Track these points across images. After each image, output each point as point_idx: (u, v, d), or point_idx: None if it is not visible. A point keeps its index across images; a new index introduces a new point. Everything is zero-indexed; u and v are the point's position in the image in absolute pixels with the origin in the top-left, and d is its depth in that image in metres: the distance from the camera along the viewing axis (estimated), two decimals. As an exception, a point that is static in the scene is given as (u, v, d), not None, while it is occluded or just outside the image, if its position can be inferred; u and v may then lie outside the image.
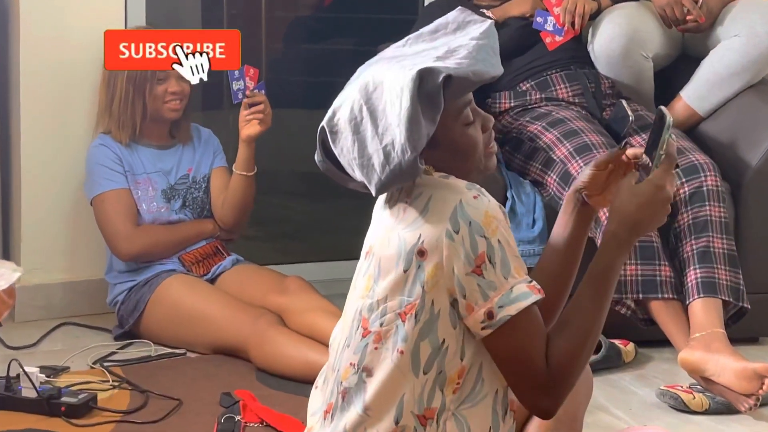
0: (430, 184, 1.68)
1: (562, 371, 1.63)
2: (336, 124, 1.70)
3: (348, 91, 1.71)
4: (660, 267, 2.92)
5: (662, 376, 2.91)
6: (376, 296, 1.67)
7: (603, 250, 1.69)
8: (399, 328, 1.65)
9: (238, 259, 3.28)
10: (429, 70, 1.61)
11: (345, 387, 1.70)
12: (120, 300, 3.16)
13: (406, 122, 1.60)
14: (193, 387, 2.75)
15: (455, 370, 1.66)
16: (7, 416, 2.53)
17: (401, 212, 1.68)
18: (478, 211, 1.62)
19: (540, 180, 3.20)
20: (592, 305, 1.67)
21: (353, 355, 1.69)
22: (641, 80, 3.41)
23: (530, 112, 3.33)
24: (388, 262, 1.66)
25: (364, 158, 1.66)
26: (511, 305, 1.61)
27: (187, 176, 3.28)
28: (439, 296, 1.64)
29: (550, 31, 3.39)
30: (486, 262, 1.61)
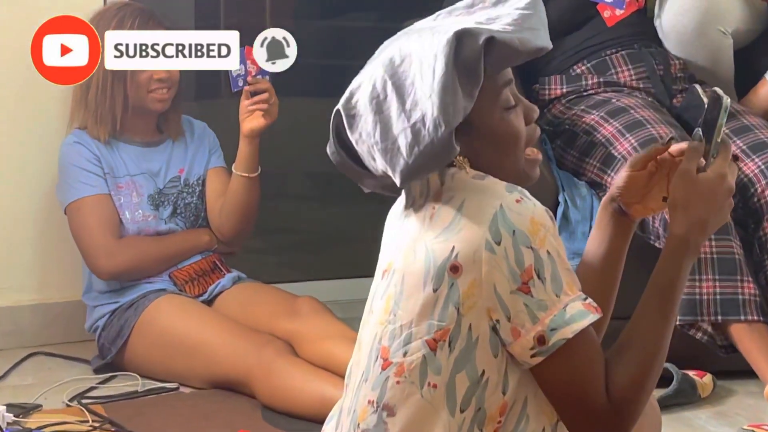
0: (463, 186, 1.67)
1: (625, 402, 1.63)
2: (354, 106, 1.70)
3: (369, 69, 1.71)
4: (743, 283, 2.92)
5: (745, 413, 2.91)
6: (399, 321, 1.67)
7: (668, 255, 1.69)
8: (428, 359, 1.64)
9: (239, 277, 3.30)
10: (468, 31, 1.62)
11: (363, 429, 1.70)
12: (100, 325, 3.17)
13: (440, 92, 1.60)
14: (188, 428, 2.76)
15: (496, 407, 1.66)
16: (-31, 463, 2.57)
17: (428, 219, 1.68)
18: (523, 217, 1.62)
19: (598, 181, 3.21)
20: (658, 323, 1.68)
21: (371, 391, 1.69)
22: (719, 61, 3.41)
23: (586, 99, 3.34)
24: (413, 280, 1.65)
25: (388, 141, 1.65)
26: (566, 327, 1.61)
27: (179, 178, 3.30)
28: (477, 320, 1.63)
29: (609, 3, 3.39)
30: (534, 277, 1.61)
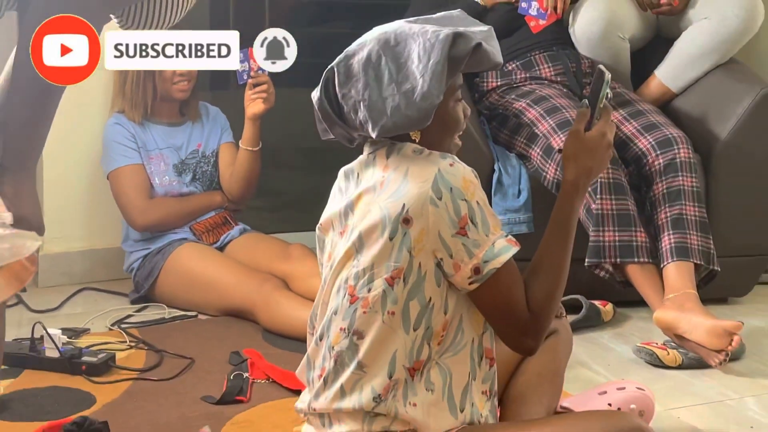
0: (406, 158, 1.68)
1: (542, 311, 1.69)
2: (349, 68, 1.69)
3: (365, 40, 1.71)
4: (636, 233, 2.92)
5: (638, 334, 2.91)
6: (362, 265, 1.67)
7: (563, 197, 1.75)
8: (387, 292, 1.66)
9: (245, 228, 3.27)
10: (462, 34, 1.63)
11: (337, 351, 1.70)
12: (135, 267, 3.16)
13: (432, 73, 1.61)
14: (204, 347, 2.74)
15: (440, 324, 1.68)
16: (32, 375, 2.53)
17: (379, 186, 1.67)
18: (457, 177, 1.64)
19: (525, 153, 3.18)
20: (560, 250, 1.72)
21: (342, 321, 1.70)
22: (619, 60, 3.39)
23: (515, 90, 3.31)
24: (371, 233, 1.66)
25: (376, 101, 1.65)
26: (495, 259, 1.64)
27: (197, 151, 3.27)
28: (425, 259, 1.65)
29: (534, 16, 3.37)
30: (469, 223, 1.63)
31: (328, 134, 1.79)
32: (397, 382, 1.67)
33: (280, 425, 2.23)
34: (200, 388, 2.46)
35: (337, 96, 1.70)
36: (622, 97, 3.22)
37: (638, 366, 2.68)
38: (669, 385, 2.55)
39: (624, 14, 3.36)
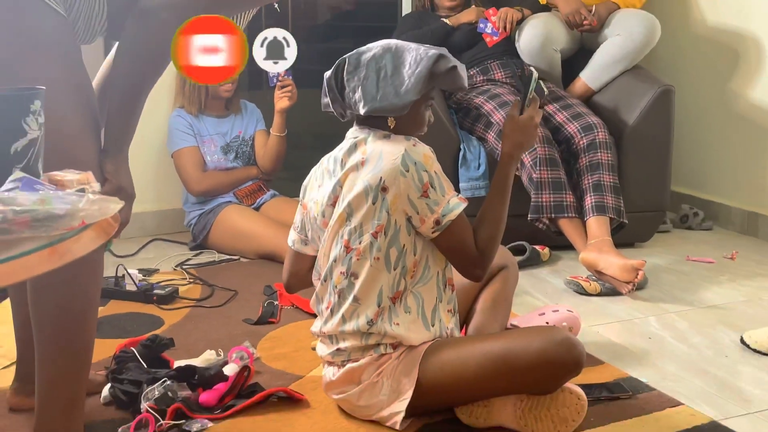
0: (379, 142, 1.67)
1: (486, 250, 1.69)
2: (359, 60, 1.69)
3: (375, 45, 1.71)
4: (566, 195, 2.88)
5: (568, 270, 2.87)
6: (353, 224, 1.66)
7: (502, 165, 1.76)
8: (373, 243, 1.66)
9: (275, 193, 3.22)
10: (444, 56, 1.66)
11: (339, 289, 1.70)
12: (193, 222, 3.11)
13: (417, 78, 1.63)
14: (245, 282, 2.70)
15: (411, 263, 1.69)
16: (116, 304, 2.50)
17: (360, 165, 1.67)
18: (419, 153, 1.65)
19: (483, 136, 3.13)
20: (500, 204, 1.73)
21: (341, 266, 1.69)
22: (553, 67, 3.33)
23: (476, 89, 3.26)
24: (358, 200, 1.65)
25: (373, 87, 1.65)
26: (450, 213, 1.65)
27: (238, 137, 3.21)
28: (399, 217, 1.65)
29: (489, 33, 3.32)
30: (430, 188, 1.64)
31: (329, 107, 1.77)
32: (383, 309, 1.68)
33: (302, 340, 2.21)
34: (242, 313, 2.44)
35: (343, 79, 1.70)
36: (555, 94, 3.16)
37: (568, 294, 2.65)
38: (591, 308, 2.51)
39: (557, 32, 3.29)
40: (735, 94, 3.44)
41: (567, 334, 1.68)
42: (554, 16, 3.33)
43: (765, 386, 1.99)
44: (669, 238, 3.30)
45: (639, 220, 3.06)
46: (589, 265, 2.67)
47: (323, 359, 1.80)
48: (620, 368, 2.05)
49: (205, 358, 2.02)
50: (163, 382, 1.79)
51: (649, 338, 2.27)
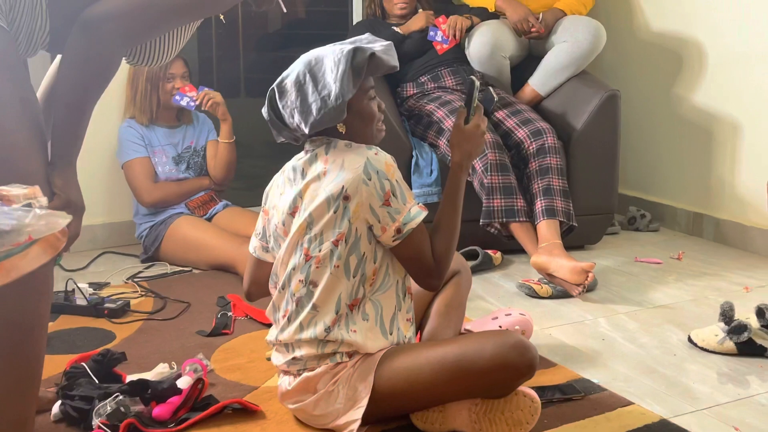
0: (340, 152, 1.67)
1: (442, 260, 1.70)
2: (284, 86, 1.69)
3: (294, 66, 1.71)
4: (517, 200, 2.91)
5: (520, 274, 2.90)
6: (314, 232, 1.66)
7: (453, 175, 1.76)
8: (333, 251, 1.65)
9: (227, 204, 3.20)
10: (360, 48, 1.65)
11: (297, 297, 1.70)
12: (144, 234, 3.08)
13: (341, 80, 1.62)
14: (197, 294, 2.68)
15: (371, 270, 1.68)
16: (66, 319, 2.46)
17: (322, 175, 1.66)
18: (381, 162, 1.64)
19: (435, 143, 3.16)
20: (453, 213, 1.73)
21: (300, 274, 1.69)
22: (502, 73, 3.37)
23: (427, 96, 3.28)
24: (319, 209, 1.65)
25: (305, 106, 1.65)
26: (411, 221, 1.65)
27: (190, 147, 3.19)
28: (360, 225, 1.65)
29: (439, 41, 3.35)
30: (391, 196, 1.64)
31: (280, 137, 1.77)
32: (341, 316, 1.68)
33: (256, 351, 2.20)
34: (195, 325, 2.41)
35: (279, 108, 1.71)
36: (505, 100, 3.20)
37: (520, 297, 2.68)
38: (543, 311, 2.55)
39: (505, 39, 3.33)
40: (679, 97, 3.53)
41: (520, 338, 1.69)
42: (503, 24, 3.38)
43: (712, 383, 2.04)
44: (617, 239, 3.36)
45: (588, 222, 3.11)
46: (540, 269, 2.71)
47: (279, 368, 1.79)
48: (572, 370, 2.08)
49: (158, 371, 2.00)
50: (115, 397, 1.77)
51: (602, 339, 2.31)
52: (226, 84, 4.09)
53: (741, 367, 2.13)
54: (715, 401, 1.93)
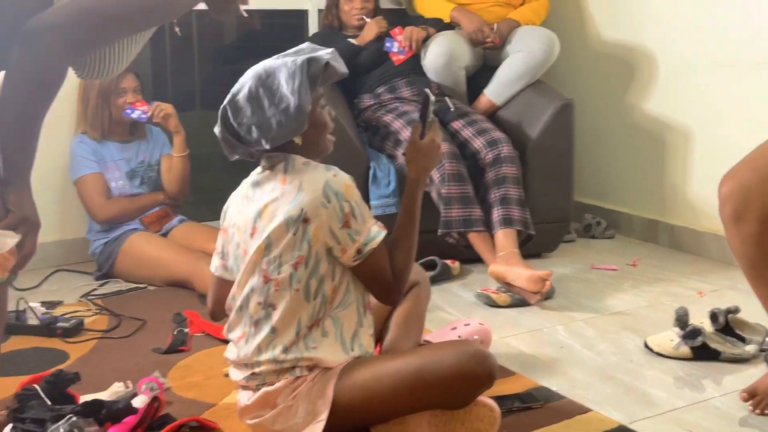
0: (298, 171, 1.66)
1: (401, 276, 1.69)
2: (237, 102, 1.66)
3: (243, 80, 1.68)
4: (474, 210, 2.93)
5: (478, 283, 2.92)
6: (272, 254, 1.64)
7: (409, 190, 1.75)
8: (293, 275, 1.64)
9: (183, 219, 3.16)
10: (314, 58, 1.64)
11: (255, 320, 1.68)
12: (98, 251, 3.03)
13: (298, 91, 1.61)
14: (153, 311, 2.64)
15: (330, 289, 1.67)
16: (18, 339, 2.41)
17: (280, 195, 1.65)
18: (340, 184, 1.64)
19: (392, 154, 3.17)
20: (410, 229, 1.73)
21: (258, 297, 1.67)
22: (458, 83, 3.40)
23: (384, 107, 3.29)
24: (278, 232, 1.63)
25: (263, 121, 1.63)
26: (372, 241, 1.65)
27: (144, 161, 3.15)
28: (320, 247, 1.64)
29: (396, 52, 3.36)
30: (351, 218, 1.63)
31: (234, 155, 1.76)
32: (300, 336, 1.68)
33: (213, 367, 2.17)
34: (151, 342, 2.38)
35: (234, 126, 1.68)
36: (461, 110, 3.23)
37: (479, 307, 2.69)
38: (501, 320, 2.56)
39: (460, 50, 3.36)
40: (632, 106, 3.59)
41: (479, 347, 1.70)
42: (458, 34, 3.41)
43: (668, 388, 2.07)
44: (574, 247, 3.40)
45: (545, 231, 3.14)
46: (498, 278, 2.73)
47: (237, 384, 1.77)
48: (531, 378, 2.10)
49: (113, 391, 1.96)
50: (69, 419, 1.73)
51: (560, 347, 2.33)
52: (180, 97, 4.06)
53: (696, 371, 2.16)
54: (672, 406, 1.96)
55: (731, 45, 3.13)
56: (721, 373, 2.15)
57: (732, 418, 1.90)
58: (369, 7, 3.45)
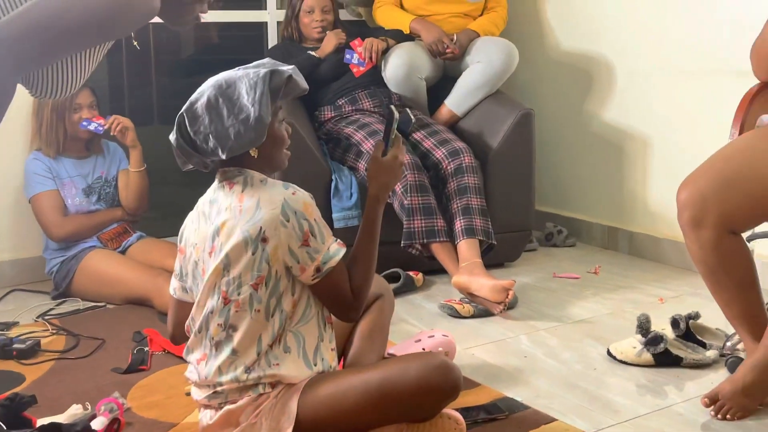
0: (256, 188, 1.64)
1: (360, 292, 1.68)
2: (195, 111, 1.64)
3: (202, 89, 1.66)
4: (437, 220, 2.94)
5: (442, 294, 2.92)
6: (232, 275, 1.62)
7: (370, 207, 1.74)
8: (253, 295, 1.62)
9: (141, 235, 3.11)
10: (276, 71, 1.63)
11: (216, 341, 1.66)
12: (55, 270, 2.97)
13: (260, 102, 1.59)
14: (112, 329, 2.60)
15: (290, 305, 1.66)
16: (-29, 362, 2.34)
17: (238, 213, 1.63)
18: (299, 202, 1.62)
19: (354, 166, 3.16)
20: (370, 245, 1.72)
21: (219, 318, 1.64)
22: (418, 94, 3.41)
23: (345, 119, 3.28)
24: (236, 251, 1.61)
25: (221, 130, 1.61)
26: (331, 260, 1.64)
27: (101, 177, 3.09)
28: (279, 266, 1.62)
29: (356, 64, 3.36)
30: (310, 236, 1.62)
31: (187, 165, 1.73)
32: (261, 356, 1.66)
33: (174, 386, 2.14)
34: (110, 362, 2.34)
35: (190, 134, 1.66)
36: (422, 121, 3.23)
37: (443, 318, 2.69)
38: (465, 331, 2.56)
39: (420, 61, 3.37)
40: (590, 114, 3.63)
41: (443, 359, 1.70)
42: (418, 45, 3.42)
43: (632, 396, 2.08)
44: (536, 256, 3.42)
45: (507, 240, 3.15)
46: (462, 288, 2.73)
47: (199, 403, 1.75)
48: (496, 389, 2.10)
49: (71, 413, 1.92)
50: (25, 444, 1.69)
51: (524, 357, 2.34)
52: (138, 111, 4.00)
53: (659, 377, 2.18)
54: (636, 413, 1.98)
55: (687, 53, 3.19)
56: (683, 379, 2.17)
57: (694, 424, 1.92)
58: (329, 19, 3.45)
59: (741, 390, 1.91)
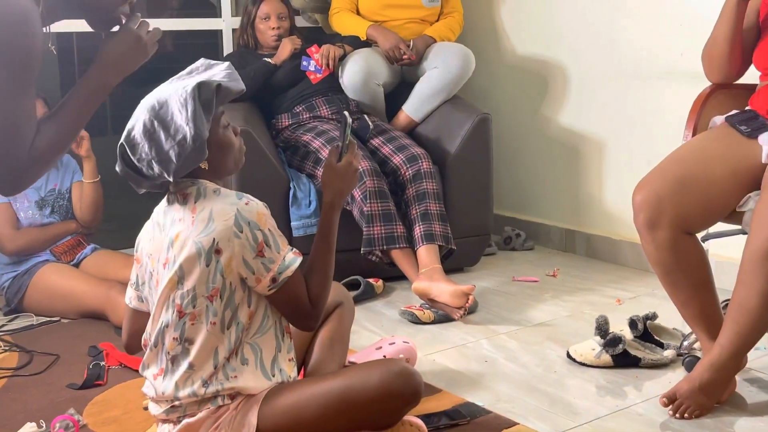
0: (209, 199, 1.61)
1: (318, 301, 1.67)
2: (133, 139, 1.60)
3: (137, 114, 1.62)
4: (396, 227, 2.93)
5: (402, 301, 2.92)
6: (186, 288, 1.60)
7: (325, 214, 1.73)
8: (209, 307, 1.60)
9: (95, 247, 3.06)
10: (205, 82, 1.58)
11: (173, 355, 1.63)
12: (6, 285, 2.89)
13: (193, 120, 1.55)
14: (67, 344, 2.55)
15: (246, 316, 1.64)
16: None
17: (190, 224, 1.60)
18: (252, 213, 1.60)
19: (312, 173, 3.14)
20: (326, 254, 1.70)
21: (174, 332, 1.62)
22: (376, 100, 3.41)
23: (303, 126, 3.27)
24: (190, 262, 1.59)
25: (162, 155, 1.57)
26: (287, 270, 1.61)
27: (54, 190, 3.03)
28: (233, 278, 1.60)
29: (313, 71, 3.35)
30: (264, 246, 1.59)
31: (140, 189, 1.70)
32: (219, 368, 1.64)
33: (132, 401, 2.10)
34: (65, 378, 2.29)
35: (134, 162, 1.62)
36: (380, 127, 3.23)
37: (404, 324, 2.69)
38: (426, 337, 2.56)
39: (377, 67, 3.38)
40: (546, 118, 3.67)
41: (404, 366, 1.69)
42: (375, 52, 3.42)
43: (591, 397, 2.10)
44: (495, 260, 3.44)
45: (466, 245, 3.17)
46: (422, 294, 2.73)
47: (157, 418, 1.72)
48: (458, 394, 2.10)
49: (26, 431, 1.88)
50: (-25, 466, 1.65)
51: (485, 361, 2.35)
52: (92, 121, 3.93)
53: (618, 378, 2.20)
54: (596, 415, 1.99)
55: (640, 57, 3.24)
56: (642, 380, 2.19)
57: (654, 424, 1.94)
58: (285, 26, 3.44)
59: (698, 388, 1.94)
